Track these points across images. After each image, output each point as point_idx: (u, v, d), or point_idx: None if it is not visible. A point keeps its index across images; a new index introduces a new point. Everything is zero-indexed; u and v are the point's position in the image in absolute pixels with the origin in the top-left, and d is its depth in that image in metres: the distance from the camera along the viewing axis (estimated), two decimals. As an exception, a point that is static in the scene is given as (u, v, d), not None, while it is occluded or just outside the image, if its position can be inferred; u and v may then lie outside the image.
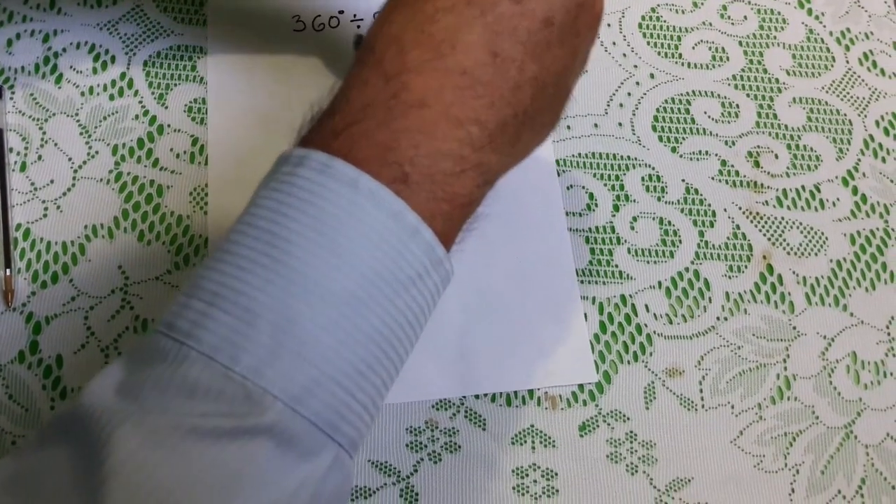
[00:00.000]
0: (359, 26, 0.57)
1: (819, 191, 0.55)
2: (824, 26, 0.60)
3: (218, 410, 0.24)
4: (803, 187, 0.55)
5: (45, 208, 0.52)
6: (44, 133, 0.53)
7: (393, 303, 0.27)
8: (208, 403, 0.24)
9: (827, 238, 0.54)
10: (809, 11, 0.61)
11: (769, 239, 0.53)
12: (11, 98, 0.54)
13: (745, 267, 0.52)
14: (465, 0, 0.29)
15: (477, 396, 0.48)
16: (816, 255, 0.53)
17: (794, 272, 0.52)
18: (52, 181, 0.52)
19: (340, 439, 0.26)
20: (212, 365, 0.25)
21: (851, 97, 0.58)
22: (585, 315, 0.50)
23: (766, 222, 0.54)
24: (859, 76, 0.59)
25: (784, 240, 0.53)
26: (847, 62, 0.59)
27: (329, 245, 0.26)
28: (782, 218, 0.54)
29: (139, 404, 0.24)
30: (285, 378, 0.25)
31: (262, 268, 0.26)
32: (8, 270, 0.49)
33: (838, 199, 0.55)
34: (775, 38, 0.60)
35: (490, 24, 0.29)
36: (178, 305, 0.27)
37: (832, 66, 0.59)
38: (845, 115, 0.57)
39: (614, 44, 0.58)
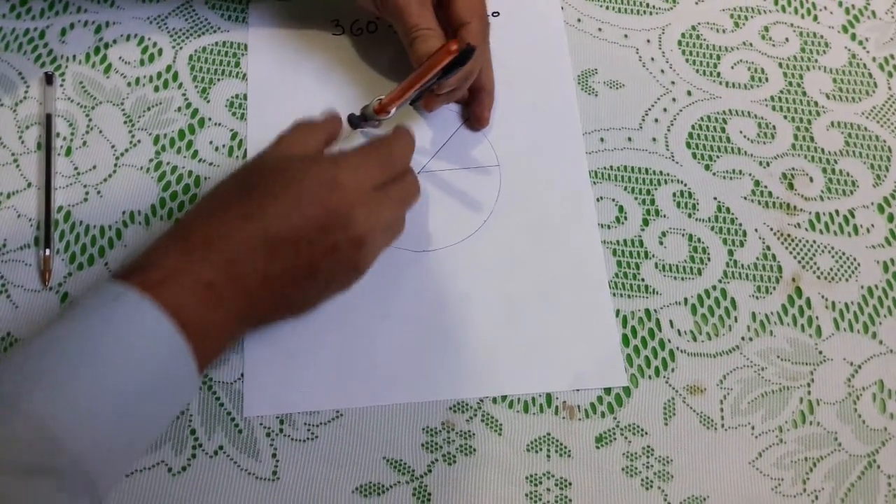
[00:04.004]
0: (395, 32, 0.58)
1: (853, 216, 0.54)
2: (868, 52, 0.60)
3: (29, 453, 0.33)
4: (837, 212, 0.54)
5: (87, 193, 0.53)
6: (90, 120, 0.55)
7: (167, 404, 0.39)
8: (24, 448, 0.33)
9: (859, 264, 0.53)
10: (853, 36, 0.60)
11: (799, 262, 0.53)
12: (62, 85, 0.56)
13: (774, 288, 0.52)
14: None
15: (495, 401, 0.48)
16: (847, 280, 0.52)
17: (823, 296, 0.52)
18: (94, 167, 0.54)
19: (99, 490, 0.35)
20: (31, 421, 0.33)
21: (892, 124, 0.57)
22: (608, 327, 0.50)
23: (797, 245, 0.53)
24: (901, 103, 0.58)
25: (815, 263, 0.53)
26: (889, 88, 0.58)
27: (123, 350, 0.37)
28: (814, 241, 0.53)
29: None
30: (79, 441, 0.34)
31: (76, 361, 0.36)
32: (47, 251, 0.51)
33: (873, 226, 0.54)
34: (816, 61, 0.59)
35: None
36: (6, 369, 0.35)
37: (874, 91, 0.58)
38: (885, 141, 0.57)
39: (653, 59, 0.59)
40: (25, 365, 0.35)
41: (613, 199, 0.54)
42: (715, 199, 0.54)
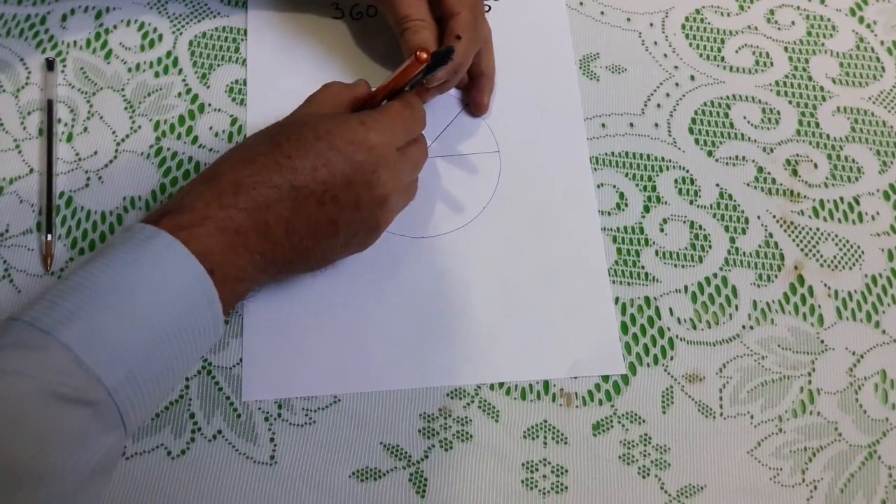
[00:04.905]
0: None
1: (858, 203, 0.53)
2: (875, 35, 0.59)
3: (67, 383, 0.34)
4: (841, 199, 0.54)
5: (88, 178, 0.53)
6: (91, 106, 0.55)
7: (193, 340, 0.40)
8: (61, 377, 0.34)
9: (863, 252, 0.52)
10: (861, 19, 0.59)
11: (802, 249, 0.52)
12: (62, 71, 0.56)
13: (776, 276, 0.51)
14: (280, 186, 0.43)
15: (492, 387, 0.48)
16: (851, 268, 0.52)
17: (825, 285, 0.51)
18: (95, 152, 0.54)
19: (127, 424, 0.37)
20: (68, 352, 0.35)
21: (900, 109, 0.56)
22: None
23: (800, 232, 0.53)
24: (910, 88, 0.57)
25: (818, 251, 0.52)
26: (898, 73, 0.57)
27: (154, 290, 0.38)
28: (817, 229, 0.53)
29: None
30: (112, 374, 0.36)
31: (111, 300, 0.37)
32: (49, 236, 0.51)
33: (878, 213, 0.53)
34: (823, 45, 0.58)
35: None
36: (42, 305, 0.36)
37: (881, 76, 0.57)
38: (892, 127, 0.56)
39: (655, 43, 0.58)
40: (60, 301, 0.36)
41: (614, 186, 0.54)
42: (717, 185, 0.54)
